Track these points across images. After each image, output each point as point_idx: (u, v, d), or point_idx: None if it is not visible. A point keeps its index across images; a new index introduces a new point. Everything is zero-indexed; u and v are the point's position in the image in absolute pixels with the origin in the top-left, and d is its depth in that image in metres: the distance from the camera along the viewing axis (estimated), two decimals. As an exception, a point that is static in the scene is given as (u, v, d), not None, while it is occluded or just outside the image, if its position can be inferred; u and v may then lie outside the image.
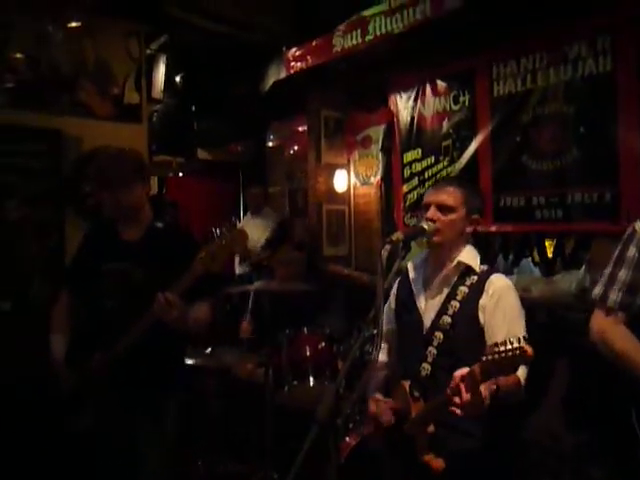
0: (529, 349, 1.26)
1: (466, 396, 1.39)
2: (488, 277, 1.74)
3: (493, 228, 3.57)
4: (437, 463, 1.60)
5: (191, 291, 1.87)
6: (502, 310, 1.68)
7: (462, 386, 1.40)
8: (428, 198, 1.82)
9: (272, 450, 2.68)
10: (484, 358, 1.33)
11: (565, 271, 3.32)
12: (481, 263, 1.81)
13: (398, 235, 1.67)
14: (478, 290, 1.71)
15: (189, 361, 2.73)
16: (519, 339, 1.27)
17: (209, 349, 2.85)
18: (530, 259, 3.59)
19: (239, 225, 1.90)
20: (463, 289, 1.74)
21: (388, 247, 1.63)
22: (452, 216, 1.77)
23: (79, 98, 3.38)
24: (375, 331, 2.56)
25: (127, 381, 1.93)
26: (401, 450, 1.72)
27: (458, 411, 1.41)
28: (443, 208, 1.77)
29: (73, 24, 3.51)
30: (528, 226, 3.43)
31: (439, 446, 1.63)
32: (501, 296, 1.70)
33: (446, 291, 1.76)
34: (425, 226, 1.76)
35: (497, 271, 1.82)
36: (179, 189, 5.44)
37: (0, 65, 3.13)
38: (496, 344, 1.31)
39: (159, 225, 2.10)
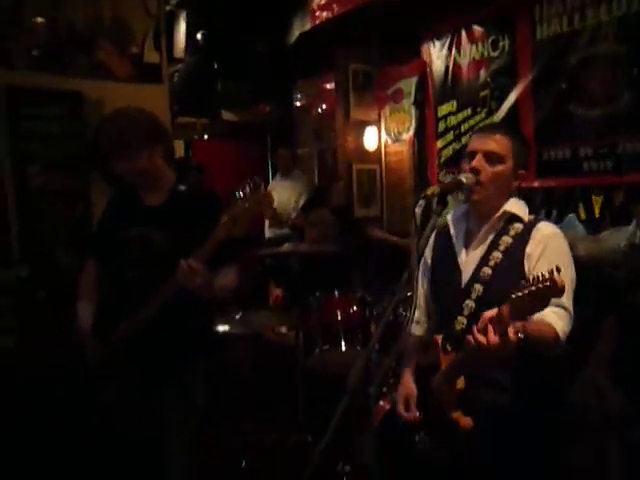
0: (559, 279, 1.14)
1: (494, 338, 1.27)
2: (535, 225, 1.59)
3: (535, 183, 3.36)
4: (465, 421, 1.50)
5: (215, 257, 1.77)
6: (548, 257, 1.52)
7: (490, 327, 1.29)
8: (473, 145, 1.65)
9: (305, 414, 2.64)
10: (513, 295, 1.21)
11: (613, 227, 3.10)
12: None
13: (433, 189, 1.52)
14: (523, 239, 1.57)
15: (219, 327, 2.69)
16: (551, 271, 1.15)
17: (239, 314, 2.79)
18: (575, 215, 3.37)
19: (263, 186, 1.76)
20: (507, 239, 1.60)
21: (422, 203, 1.48)
22: (499, 167, 1.59)
23: (97, 58, 3.25)
24: (409, 293, 2.44)
25: (152, 351, 1.86)
26: (430, 407, 1.63)
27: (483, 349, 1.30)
28: (491, 157, 1.59)
29: (90, -18, 3.36)
30: (574, 180, 3.22)
31: (468, 401, 1.52)
32: (548, 242, 1.55)
33: (488, 242, 1.63)
34: (463, 179, 1.59)
35: (545, 220, 1.67)
36: (206, 152, 5.34)
37: (17, 27, 3.03)
38: (527, 281, 1.20)
39: (182, 188, 1.99)
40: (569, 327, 1.49)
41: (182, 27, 3.97)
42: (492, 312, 1.29)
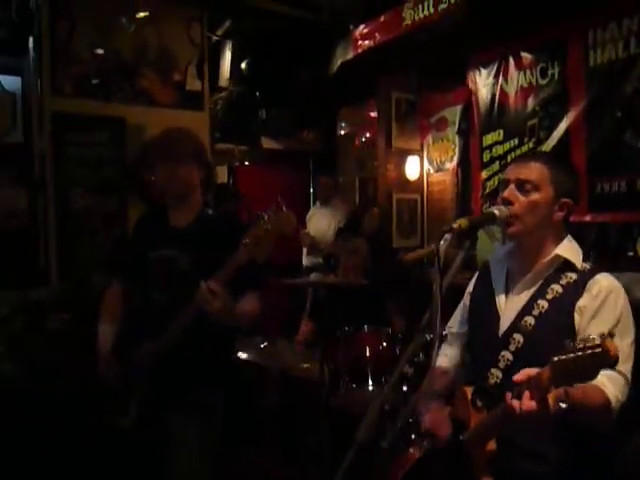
0: (612, 347, 0.98)
1: (529, 404, 1.12)
2: (592, 276, 1.41)
3: (588, 218, 3.12)
4: None
5: (237, 283, 1.71)
6: (604, 316, 1.35)
7: (527, 392, 1.13)
8: (507, 174, 1.50)
9: (329, 456, 2.49)
10: (555, 358, 1.05)
11: (676, 268, 2.82)
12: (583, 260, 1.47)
13: (461, 222, 1.38)
14: (576, 290, 1.40)
15: (243, 355, 2.61)
16: (602, 335, 1.00)
17: (264, 344, 2.70)
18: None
19: (285, 209, 1.71)
20: (556, 287, 1.42)
21: (448, 237, 1.35)
22: (535, 196, 1.43)
23: (141, 86, 3.37)
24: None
25: (170, 375, 1.85)
26: (457, 468, 1.47)
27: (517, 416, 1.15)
28: (524, 186, 1.44)
29: (141, 14, 3.50)
30: (631, 215, 2.96)
31: (500, 467, 1.37)
32: (608, 297, 1.37)
33: (534, 289, 1.46)
34: (496, 212, 1.45)
35: (604, 271, 1.45)
36: (249, 179, 5.38)
37: (66, 57, 3.17)
38: (573, 342, 1.04)
39: (209, 212, 2.01)
40: (625, 396, 1.30)
41: (227, 57, 4.07)
42: (530, 372, 1.14)
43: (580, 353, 1.00)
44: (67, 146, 3.16)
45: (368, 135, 5.16)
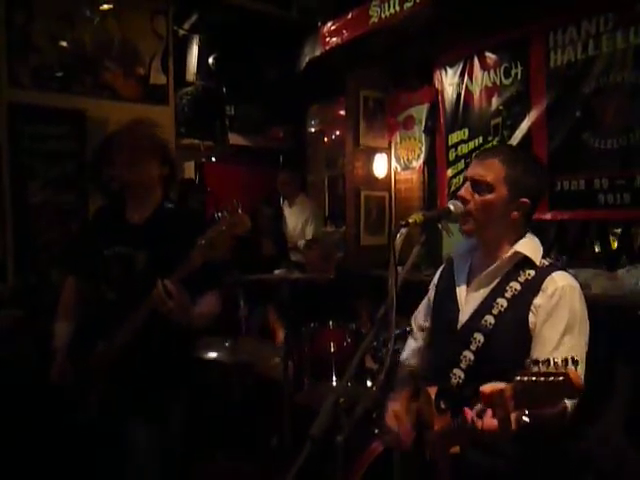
0: (577, 378, 0.92)
1: (491, 422, 1.09)
2: (549, 274, 1.40)
3: (548, 216, 3.20)
4: None
5: (195, 281, 1.68)
6: (560, 316, 1.34)
7: (489, 410, 1.10)
8: (468, 171, 1.52)
9: (291, 453, 2.47)
10: (517, 378, 1.00)
11: (631, 264, 2.91)
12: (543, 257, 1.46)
13: (416, 217, 1.39)
14: (534, 288, 1.39)
15: (207, 354, 2.57)
16: (566, 360, 0.94)
17: (228, 342, 2.66)
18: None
19: (240, 209, 1.69)
20: (515, 285, 1.42)
21: (403, 231, 1.37)
22: (488, 196, 1.43)
23: (103, 78, 3.29)
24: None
25: (125, 378, 1.81)
26: (417, 466, 1.47)
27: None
28: (479, 185, 1.44)
29: (105, 6, 3.42)
30: (589, 213, 3.04)
31: (464, 465, 1.36)
32: (562, 298, 1.36)
33: (493, 285, 1.46)
34: (451, 207, 1.46)
35: (561, 269, 1.44)
36: (217, 176, 5.31)
37: (25, 46, 3.07)
38: (536, 361, 0.99)
39: (168, 207, 1.95)
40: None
41: (194, 51, 4.02)
42: (492, 388, 1.08)
43: (542, 379, 0.95)
44: (24, 138, 3.06)
45: (338, 133, 5.16)
